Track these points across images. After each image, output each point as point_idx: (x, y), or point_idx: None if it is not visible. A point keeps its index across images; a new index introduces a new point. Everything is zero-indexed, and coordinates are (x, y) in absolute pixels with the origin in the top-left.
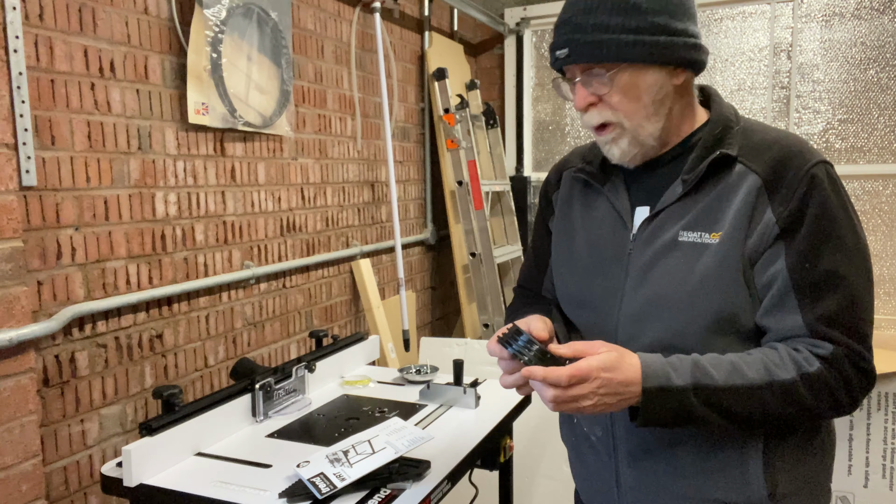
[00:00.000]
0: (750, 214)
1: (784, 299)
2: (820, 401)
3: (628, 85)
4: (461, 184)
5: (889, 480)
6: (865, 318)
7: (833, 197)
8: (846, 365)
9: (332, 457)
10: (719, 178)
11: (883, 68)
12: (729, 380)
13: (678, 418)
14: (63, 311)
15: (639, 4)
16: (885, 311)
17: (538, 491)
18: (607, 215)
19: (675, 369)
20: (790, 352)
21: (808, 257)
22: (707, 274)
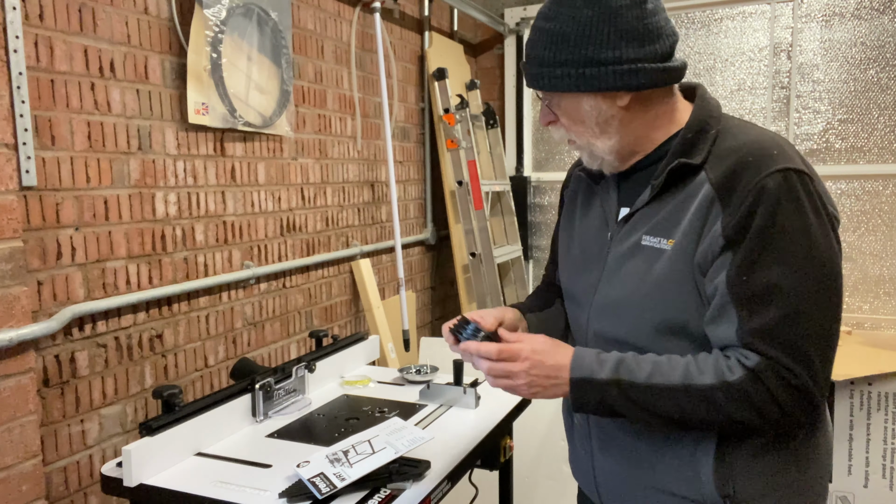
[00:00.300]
0: (702, 223)
1: (723, 310)
2: (739, 410)
3: (569, 110)
4: (461, 184)
5: (889, 480)
6: (809, 333)
7: (786, 207)
8: (771, 378)
9: (332, 457)
10: (684, 184)
11: (883, 68)
12: (649, 379)
13: (604, 409)
14: (63, 311)
15: (567, 37)
16: (885, 311)
17: (538, 491)
18: (597, 213)
19: (601, 363)
20: (718, 359)
21: (748, 269)
22: (659, 279)
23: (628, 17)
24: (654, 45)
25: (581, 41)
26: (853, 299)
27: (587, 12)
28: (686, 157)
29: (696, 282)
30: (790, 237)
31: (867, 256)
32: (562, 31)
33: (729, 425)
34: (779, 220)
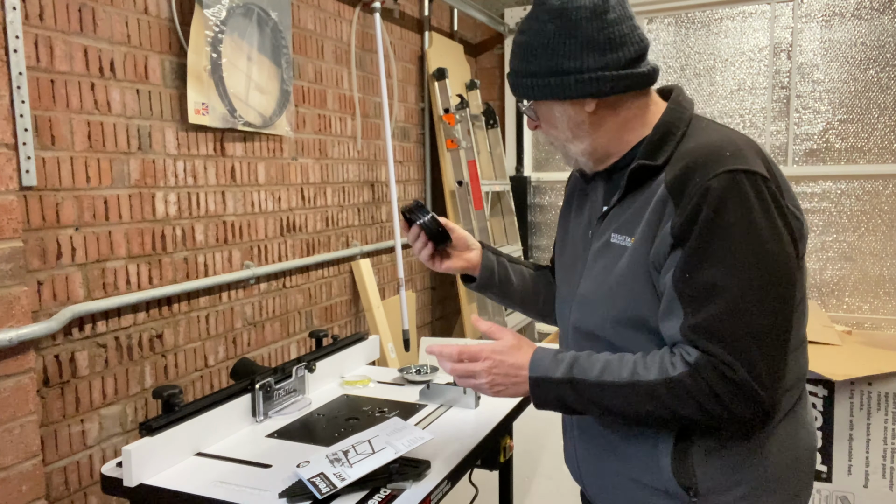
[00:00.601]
0: (657, 222)
1: (671, 306)
2: (682, 405)
3: (544, 116)
4: (461, 184)
5: (889, 480)
6: (750, 331)
7: (731, 209)
8: (710, 373)
9: (332, 457)
10: (646, 185)
11: (883, 68)
12: (599, 377)
13: (562, 406)
14: (63, 311)
15: (535, 50)
16: (885, 311)
17: (538, 491)
18: (586, 212)
19: (557, 363)
20: (664, 356)
21: (692, 267)
22: (621, 275)
23: (588, 28)
24: (617, 54)
25: (546, 53)
26: (853, 299)
27: (551, 26)
28: (648, 159)
29: (652, 278)
30: (733, 236)
31: (867, 256)
32: (530, 43)
33: (677, 421)
34: (723, 220)
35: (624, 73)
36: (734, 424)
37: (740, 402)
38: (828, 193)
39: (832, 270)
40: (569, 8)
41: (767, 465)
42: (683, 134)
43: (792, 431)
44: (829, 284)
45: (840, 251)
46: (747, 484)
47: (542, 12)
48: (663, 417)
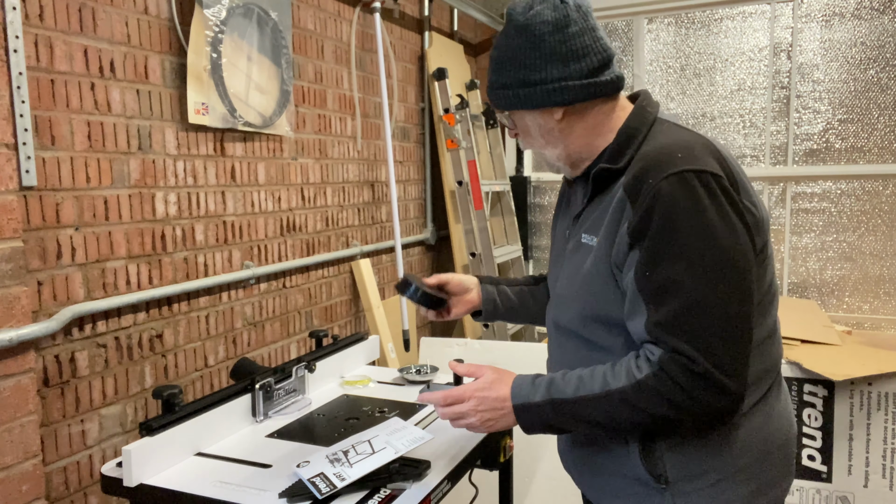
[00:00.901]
0: (617, 223)
1: (635, 303)
2: (654, 404)
3: (520, 124)
4: (461, 184)
5: (889, 480)
6: (710, 324)
7: (682, 208)
8: (673, 369)
9: (332, 457)
10: (609, 187)
11: (883, 68)
12: (576, 392)
13: (549, 427)
14: (63, 311)
15: (505, 63)
16: (885, 311)
17: (538, 491)
18: (566, 209)
19: (535, 387)
20: (630, 361)
21: (650, 266)
22: (587, 273)
23: (551, 41)
24: (580, 64)
25: (515, 66)
26: (853, 299)
27: (517, 41)
28: (610, 163)
29: (615, 277)
30: (687, 234)
31: (867, 256)
32: (501, 57)
33: (654, 422)
34: (675, 219)
35: (587, 83)
36: (706, 416)
37: (706, 393)
38: (828, 193)
39: (832, 270)
40: (533, 23)
41: (735, 456)
42: (645, 137)
43: (760, 423)
44: (829, 284)
45: (840, 251)
46: (716, 472)
47: (510, 28)
48: (642, 421)
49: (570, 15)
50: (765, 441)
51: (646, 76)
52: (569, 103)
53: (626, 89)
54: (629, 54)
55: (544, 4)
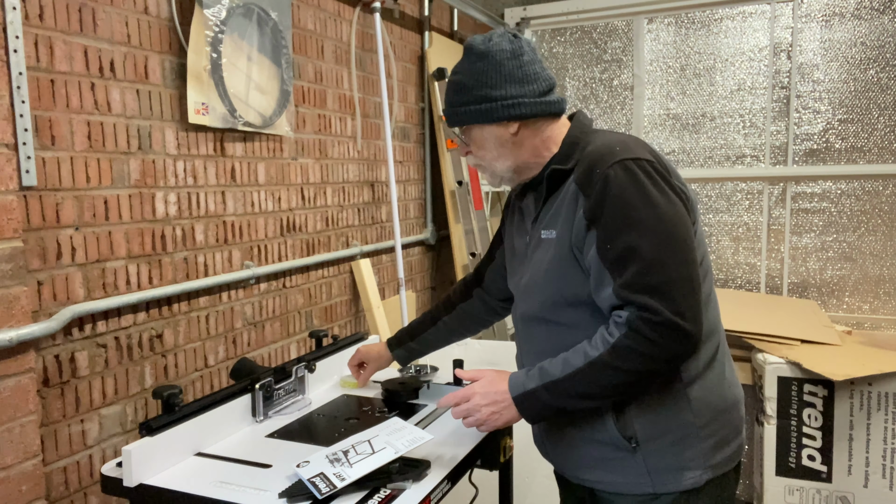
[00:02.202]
0: (573, 213)
1: (601, 276)
2: (630, 361)
3: (475, 139)
4: (461, 184)
5: (889, 480)
6: (666, 278)
7: (628, 188)
8: (640, 324)
9: (332, 457)
10: (560, 188)
11: (883, 68)
12: (563, 371)
13: (549, 411)
14: (63, 311)
15: (465, 84)
16: (885, 311)
17: (538, 491)
18: (520, 223)
19: (529, 377)
20: (601, 330)
21: (609, 239)
22: (550, 262)
23: (509, 66)
24: (532, 86)
25: (476, 85)
26: (853, 299)
27: (479, 65)
28: (560, 164)
29: (577, 259)
30: (634, 207)
31: (867, 256)
32: (462, 81)
33: (636, 379)
34: (623, 197)
35: (539, 101)
36: (674, 360)
37: (671, 339)
38: (828, 193)
39: (832, 270)
40: (493, 51)
41: (695, 414)
42: (586, 143)
43: (713, 384)
44: (829, 284)
45: (840, 251)
46: (680, 430)
47: (471, 55)
48: (625, 381)
49: (523, 47)
50: (720, 400)
51: (646, 76)
52: (524, 118)
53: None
54: (629, 54)
55: (502, 38)
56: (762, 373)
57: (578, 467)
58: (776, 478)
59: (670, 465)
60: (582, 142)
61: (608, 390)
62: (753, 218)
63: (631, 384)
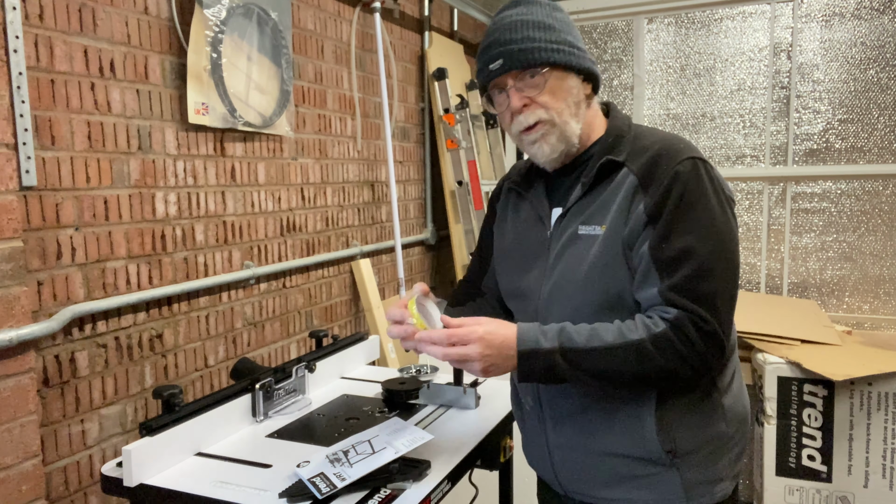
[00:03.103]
0: (628, 208)
1: (648, 274)
2: (667, 358)
3: (555, 86)
4: (461, 184)
5: (889, 480)
6: (716, 289)
7: (694, 188)
8: (688, 326)
9: (332, 457)
10: (608, 180)
11: (883, 68)
12: (588, 343)
13: (549, 376)
14: (63, 311)
15: (552, 25)
16: (885, 311)
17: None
18: (530, 217)
19: (544, 335)
20: (643, 318)
21: (665, 238)
22: (595, 260)
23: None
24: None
25: (563, 29)
26: (853, 299)
27: (558, 14)
28: (615, 156)
29: (626, 257)
30: (699, 210)
31: (867, 256)
32: (544, 21)
33: (658, 374)
34: (690, 197)
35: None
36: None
37: (712, 350)
38: (828, 193)
39: (832, 270)
40: (561, 9)
41: (725, 424)
42: (634, 136)
43: (738, 393)
44: (829, 284)
45: (840, 251)
46: (712, 442)
47: (542, 5)
48: (647, 374)
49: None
50: (743, 408)
51: (646, 76)
52: (598, 82)
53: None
54: (629, 54)
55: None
56: (762, 373)
57: (596, 485)
58: (776, 478)
59: (705, 478)
60: (628, 134)
61: (626, 377)
62: (753, 218)
63: (650, 379)
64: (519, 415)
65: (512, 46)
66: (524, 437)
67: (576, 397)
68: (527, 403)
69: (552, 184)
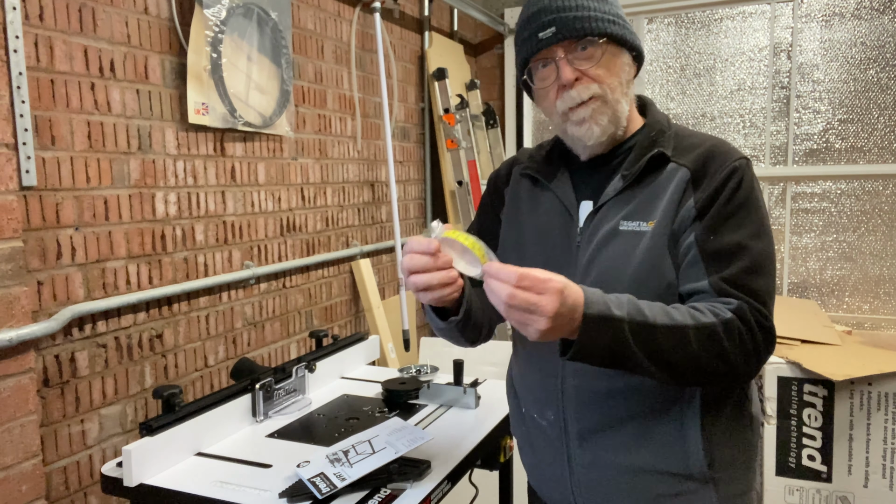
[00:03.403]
0: (678, 203)
1: (693, 266)
2: (734, 345)
3: (610, 60)
4: (461, 184)
5: (889, 480)
6: (767, 286)
7: (748, 186)
8: (750, 319)
9: (332, 457)
10: (654, 174)
11: (883, 68)
12: (659, 319)
13: (610, 352)
14: (63, 311)
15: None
16: (885, 311)
17: None
18: (554, 209)
19: (613, 302)
20: (707, 305)
21: (714, 230)
22: (644, 257)
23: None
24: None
25: (614, 3)
26: (853, 299)
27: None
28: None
29: (671, 254)
30: (751, 208)
31: (867, 256)
32: None
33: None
34: (743, 193)
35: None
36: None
37: (768, 347)
38: (828, 193)
39: (832, 270)
40: None
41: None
42: (675, 132)
43: (755, 399)
44: (829, 284)
45: (840, 251)
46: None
47: None
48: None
49: None
50: (759, 413)
51: (646, 76)
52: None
53: None
54: None
55: None
56: (762, 373)
57: None
58: (776, 478)
59: (738, 491)
60: (668, 130)
61: (688, 364)
62: None
63: (708, 370)
64: (523, 432)
65: (566, 14)
66: (533, 456)
67: (610, 409)
68: (543, 418)
69: (577, 175)
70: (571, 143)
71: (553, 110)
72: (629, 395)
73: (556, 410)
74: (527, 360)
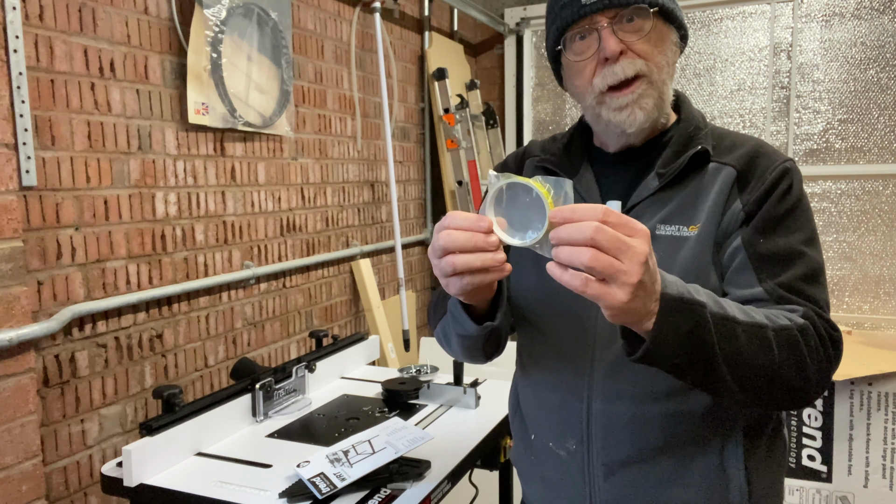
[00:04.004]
0: (723, 205)
1: (742, 271)
2: (811, 351)
3: (657, 35)
4: (461, 184)
5: (889, 480)
6: (826, 296)
7: (798, 189)
8: (821, 327)
9: (332, 457)
10: (694, 174)
11: (883, 68)
12: (738, 314)
13: (689, 347)
14: (63, 311)
15: None
16: (885, 311)
17: None
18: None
19: (692, 288)
20: (774, 311)
21: (765, 232)
22: (687, 265)
23: None
24: None
25: None
26: (853, 299)
27: None
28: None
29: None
30: (801, 213)
31: (867, 256)
32: None
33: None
34: (793, 197)
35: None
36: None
37: (837, 359)
38: (828, 193)
39: (832, 270)
40: None
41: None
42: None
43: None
44: (829, 284)
45: (840, 251)
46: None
47: None
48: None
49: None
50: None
51: None
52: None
53: None
54: None
55: None
56: None
57: None
58: None
59: None
60: (705, 128)
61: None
62: None
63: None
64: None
65: None
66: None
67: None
68: (561, 448)
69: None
70: (604, 130)
71: (588, 89)
72: (665, 423)
73: (580, 439)
74: (542, 379)
